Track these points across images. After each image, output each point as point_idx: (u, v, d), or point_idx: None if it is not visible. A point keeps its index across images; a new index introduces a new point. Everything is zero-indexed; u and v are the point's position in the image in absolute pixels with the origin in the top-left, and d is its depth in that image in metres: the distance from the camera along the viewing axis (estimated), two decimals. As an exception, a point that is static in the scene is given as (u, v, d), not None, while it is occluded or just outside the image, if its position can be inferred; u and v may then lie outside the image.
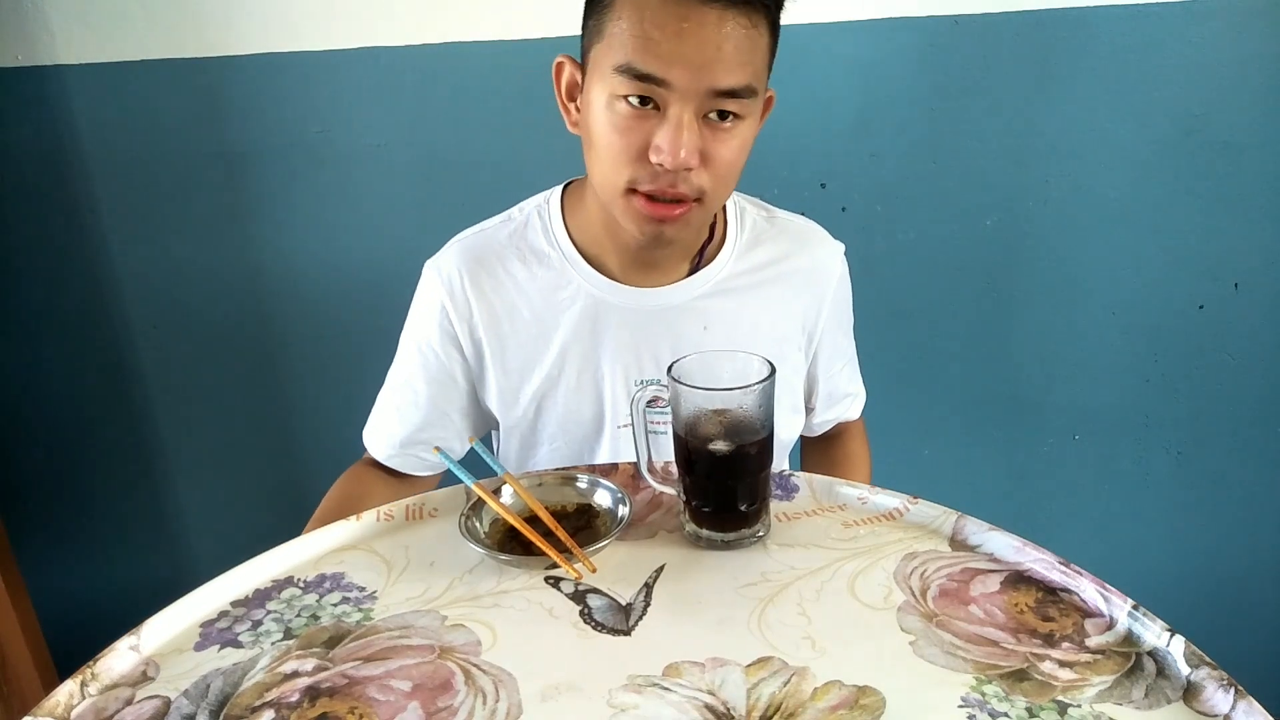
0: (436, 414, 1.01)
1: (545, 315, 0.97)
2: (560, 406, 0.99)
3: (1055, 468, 1.58)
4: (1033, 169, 1.40)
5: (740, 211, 1.02)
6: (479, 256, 0.98)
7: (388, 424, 1.02)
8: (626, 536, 0.76)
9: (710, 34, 0.78)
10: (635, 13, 0.79)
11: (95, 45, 1.38)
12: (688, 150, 0.80)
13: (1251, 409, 1.50)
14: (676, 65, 0.78)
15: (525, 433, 1.02)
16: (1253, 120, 1.34)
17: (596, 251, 0.97)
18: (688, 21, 0.77)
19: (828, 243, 1.05)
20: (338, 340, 1.54)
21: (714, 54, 0.78)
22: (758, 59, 0.82)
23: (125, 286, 1.52)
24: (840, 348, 1.09)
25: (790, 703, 0.58)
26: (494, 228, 1.00)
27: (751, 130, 0.86)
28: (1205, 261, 1.43)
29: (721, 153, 0.83)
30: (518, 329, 0.98)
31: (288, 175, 1.45)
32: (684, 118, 0.80)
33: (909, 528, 0.77)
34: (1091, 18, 1.31)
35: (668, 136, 0.80)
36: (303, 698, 0.60)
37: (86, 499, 1.66)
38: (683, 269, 0.98)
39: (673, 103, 0.80)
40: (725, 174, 0.85)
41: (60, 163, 1.44)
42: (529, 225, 0.99)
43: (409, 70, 1.39)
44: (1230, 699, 0.57)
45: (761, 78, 0.84)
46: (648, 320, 0.97)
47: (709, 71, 0.79)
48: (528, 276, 0.97)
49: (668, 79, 0.79)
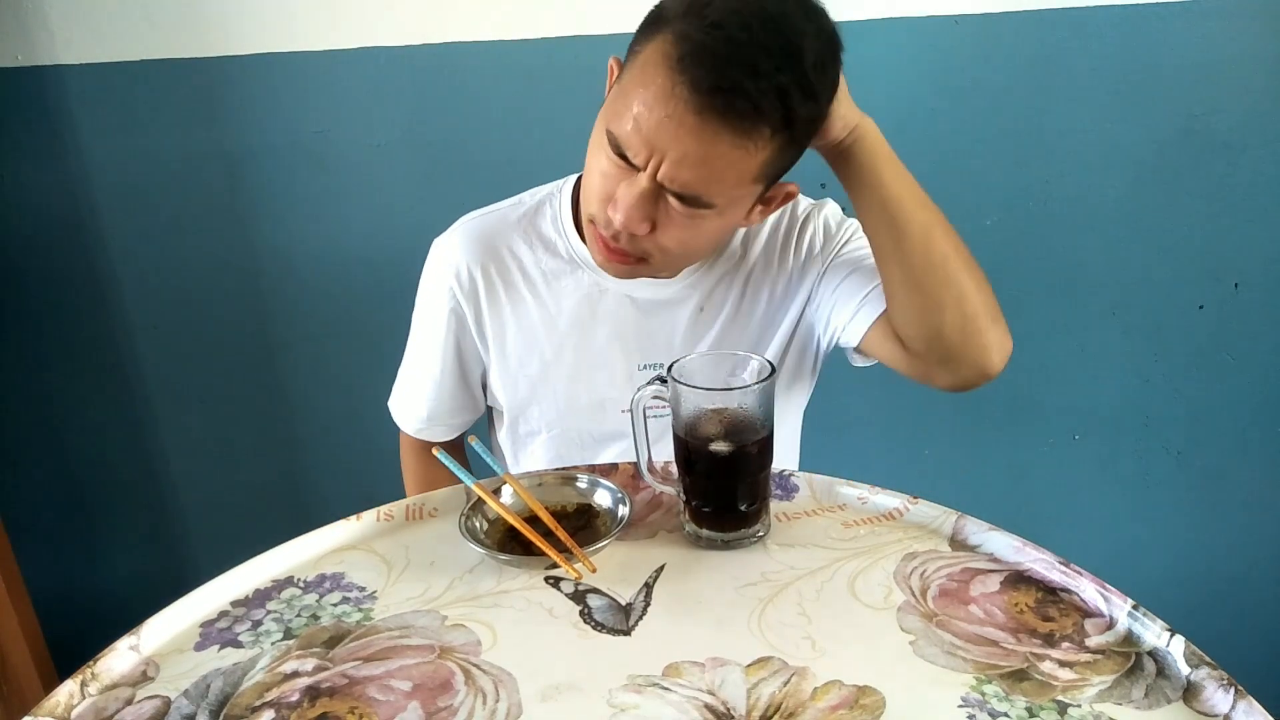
0: (455, 387, 1.04)
1: (547, 300, 0.98)
2: (560, 392, 1.01)
3: (1055, 468, 1.58)
4: (1033, 169, 1.40)
5: None
6: (486, 237, 0.99)
7: (413, 402, 1.06)
8: (626, 536, 0.76)
9: (685, 135, 0.76)
10: (640, 81, 0.78)
11: (95, 45, 1.38)
12: (630, 218, 0.81)
13: (1251, 409, 1.50)
14: (645, 147, 0.78)
15: (526, 417, 1.03)
16: (1253, 120, 1.34)
17: None
18: (671, 110, 0.76)
19: (807, 200, 1.02)
20: (337, 339, 1.54)
21: (678, 153, 0.77)
22: (731, 175, 0.79)
23: (125, 286, 1.52)
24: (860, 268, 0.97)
25: (790, 703, 0.58)
26: (505, 209, 1.01)
27: (726, 219, 0.85)
28: (1205, 261, 1.43)
29: (676, 231, 0.83)
30: (519, 312, 0.99)
31: (287, 175, 1.45)
32: (644, 187, 0.80)
33: (909, 528, 0.76)
34: (1091, 18, 1.31)
35: (620, 199, 0.81)
36: (303, 698, 0.60)
37: (86, 499, 1.66)
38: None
39: (640, 171, 0.80)
40: (675, 249, 0.85)
41: (60, 163, 1.44)
42: (539, 211, 1.00)
43: (409, 70, 1.39)
44: (1230, 699, 0.57)
45: (736, 189, 0.81)
46: (647, 307, 0.98)
47: (667, 163, 0.78)
48: (532, 261, 0.98)
49: (633, 159, 0.79)
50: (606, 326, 0.98)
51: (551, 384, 1.00)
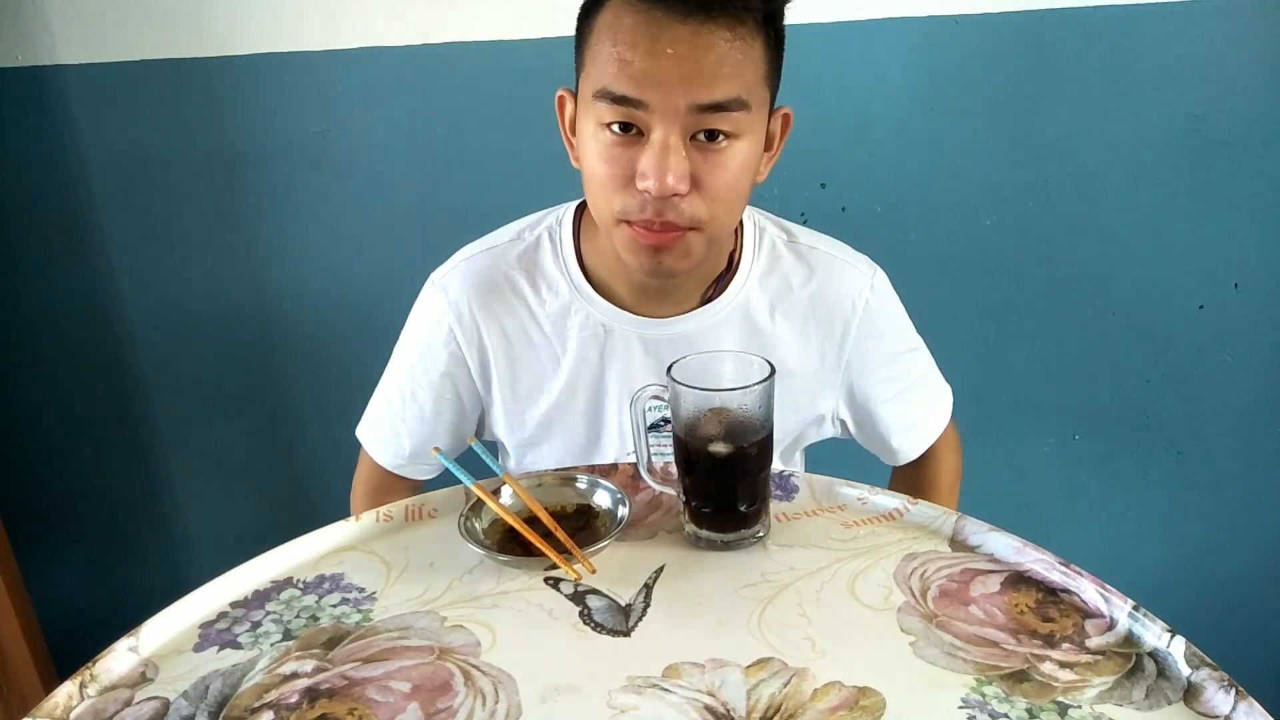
0: (443, 428, 1.00)
1: (554, 341, 0.95)
2: (566, 432, 0.98)
3: (1055, 468, 1.58)
4: (1033, 169, 1.40)
5: (759, 232, 0.96)
6: (488, 278, 0.94)
7: (395, 436, 1.01)
8: (626, 537, 0.76)
9: (685, 48, 0.74)
10: (610, 35, 0.76)
11: (95, 45, 1.38)
12: (675, 175, 0.76)
13: (1251, 409, 1.50)
14: (651, 84, 0.75)
15: (531, 456, 1.00)
16: (1253, 120, 1.34)
17: (607, 278, 0.93)
18: (661, 38, 0.74)
19: (851, 269, 0.96)
20: (337, 340, 1.54)
21: (692, 68, 0.74)
22: (748, 70, 0.77)
23: (125, 286, 1.52)
24: (895, 376, 1.00)
25: (790, 704, 0.58)
26: (504, 246, 0.96)
27: (752, 149, 0.81)
28: (1205, 261, 1.43)
29: (715, 176, 0.79)
30: (526, 353, 0.95)
31: (288, 175, 1.45)
32: (669, 140, 0.76)
33: (909, 528, 0.76)
34: (1091, 18, 1.31)
35: (652, 161, 0.76)
36: (302, 699, 0.60)
37: (86, 499, 1.66)
38: (695, 297, 0.94)
39: (655, 126, 0.76)
40: (723, 199, 0.80)
41: (60, 163, 1.44)
42: (540, 247, 0.95)
43: (409, 70, 1.38)
44: (1231, 700, 0.57)
45: (756, 89, 0.78)
46: (657, 349, 0.94)
47: (687, 87, 0.75)
48: (537, 302, 0.94)
49: (645, 99, 0.75)
50: (614, 366, 0.94)
51: (558, 424, 0.97)
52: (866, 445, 1.06)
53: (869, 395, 1.00)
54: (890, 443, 1.03)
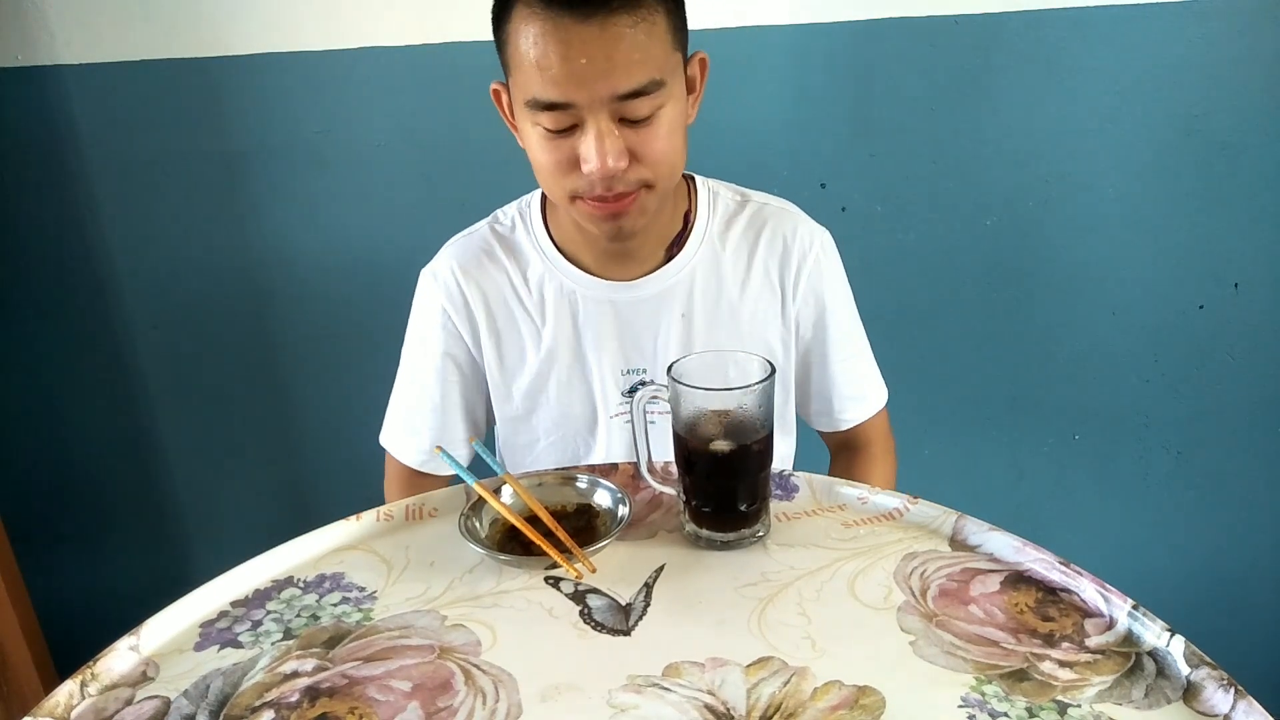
0: (458, 414, 1.04)
1: (532, 312, 1.00)
2: (552, 401, 1.02)
3: (1055, 468, 1.58)
4: (1033, 169, 1.40)
5: (713, 196, 1.02)
6: (471, 256, 1.01)
7: (414, 434, 1.04)
8: (626, 536, 0.76)
9: (596, 48, 0.78)
10: (524, 44, 0.80)
11: (95, 45, 1.38)
12: (613, 157, 0.82)
13: (1251, 409, 1.50)
14: (573, 86, 0.79)
15: (522, 427, 1.04)
16: (1252, 120, 1.34)
17: (573, 249, 0.99)
18: (572, 43, 0.78)
19: (804, 222, 1.03)
20: (338, 339, 1.54)
21: (605, 65, 0.79)
22: (655, 48, 0.81)
23: (125, 286, 1.52)
24: (845, 337, 1.05)
25: (790, 703, 0.58)
26: (483, 229, 1.03)
27: (676, 108, 0.86)
28: (1205, 261, 1.43)
29: (651, 145, 0.84)
30: (508, 326, 1.01)
31: (288, 175, 1.45)
32: (601, 127, 0.81)
33: (909, 528, 0.76)
34: (1091, 18, 1.31)
35: (590, 148, 0.82)
36: (302, 698, 0.60)
37: (86, 499, 1.66)
38: (658, 257, 0.99)
39: (586, 117, 0.82)
40: (662, 159, 0.86)
41: (60, 163, 1.44)
42: (514, 227, 1.02)
43: (409, 70, 1.39)
44: (1230, 699, 0.57)
45: (668, 60, 0.83)
46: (627, 311, 0.99)
47: (607, 81, 0.79)
48: (516, 272, 1.00)
49: (571, 100, 0.80)
50: (590, 333, 0.99)
51: (543, 395, 1.02)
52: (804, 403, 1.09)
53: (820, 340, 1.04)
54: (833, 402, 1.07)
